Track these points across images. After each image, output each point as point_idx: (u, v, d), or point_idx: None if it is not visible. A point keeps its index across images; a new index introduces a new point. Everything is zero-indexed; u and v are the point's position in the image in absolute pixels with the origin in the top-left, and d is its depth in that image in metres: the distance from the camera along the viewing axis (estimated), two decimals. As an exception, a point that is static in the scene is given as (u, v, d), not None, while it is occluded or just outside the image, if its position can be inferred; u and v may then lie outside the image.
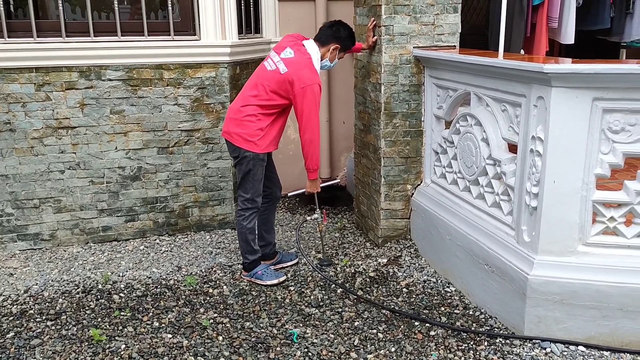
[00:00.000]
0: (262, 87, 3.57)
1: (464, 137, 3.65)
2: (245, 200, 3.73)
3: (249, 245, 3.82)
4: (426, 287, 3.75)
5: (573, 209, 2.92)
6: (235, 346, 3.12)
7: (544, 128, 2.88)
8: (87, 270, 4.06)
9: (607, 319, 2.92)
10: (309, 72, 3.53)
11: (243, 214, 3.75)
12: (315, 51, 3.65)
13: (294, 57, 3.56)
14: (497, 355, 2.97)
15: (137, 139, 4.45)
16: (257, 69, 3.72)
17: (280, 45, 3.71)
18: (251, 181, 3.68)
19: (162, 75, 4.38)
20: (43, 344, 3.16)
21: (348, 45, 3.84)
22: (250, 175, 3.66)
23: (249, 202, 3.73)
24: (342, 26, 3.79)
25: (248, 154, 3.60)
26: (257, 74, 3.67)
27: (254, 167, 3.63)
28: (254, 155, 3.61)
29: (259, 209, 3.79)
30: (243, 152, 3.61)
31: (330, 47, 3.72)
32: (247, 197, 3.72)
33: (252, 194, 3.71)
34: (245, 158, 3.61)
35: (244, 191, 3.72)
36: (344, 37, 3.77)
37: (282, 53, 3.60)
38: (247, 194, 3.71)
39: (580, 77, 2.73)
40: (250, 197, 3.71)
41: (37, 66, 4.14)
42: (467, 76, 3.55)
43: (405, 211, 4.30)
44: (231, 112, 3.68)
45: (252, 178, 3.67)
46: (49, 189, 4.36)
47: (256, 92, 3.59)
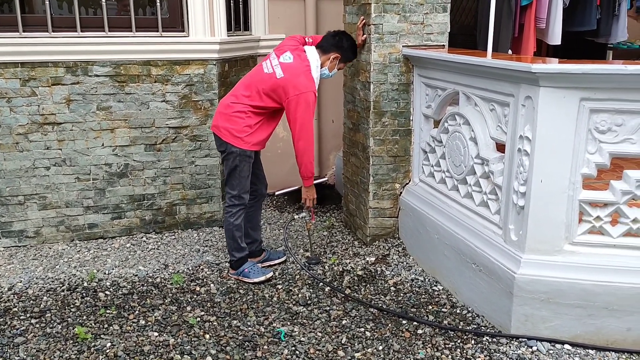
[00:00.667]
0: (256, 89, 3.55)
1: (452, 136, 3.66)
2: (232, 197, 3.71)
3: (236, 243, 3.80)
4: (414, 285, 3.76)
5: (560, 208, 2.93)
6: (222, 344, 3.10)
7: (531, 127, 2.89)
8: (73, 268, 4.02)
9: (593, 317, 2.94)
10: (304, 79, 3.51)
11: (230, 210, 3.74)
12: (315, 59, 3.63)
13: (292, 62, 3.54)
14: (484, 354, 2.98)
15: (124, 135, 4.41)
16: (254, 68, 3.71)
17: (281, 47, 3.70)
18: (237, 177, 3.66)
19: (149, 71, 4.35)
20: (27, 342, 3.12)
21: (349, 57, 3.83)
22: (237, 171, 3.64)
23: (235, 199, 3.71)
24: (345, 37, 3.79)
25: (235, 150, 3.59)
26: (253, 73, 3.66)
27: (240, 163, 3.62)
28: (241, 151, 3.60)
29: (246, 205, 3.78)
30: (230, 147, 3.59)
31: (330, 56, 3.71)
32: (234, 193, 3.70)
33: (239, 191, 3.69)
34: (232, 154, 3.60)
35: (231, 188, 3.70)
36: (346, 48, 3.76)
37: (281, 57, 3.58)
38: (234, 191, 3.70)
39: (568, 77, 2.75)
40: (237, 194, 3.70)
41: (23, 61, 4.09)
42: (455, 75, 3.56)
43: (393, 210, 4.31)
44: (221, 107, 3.67)
45: (238, 174, 3.65)
46: (34, 185, 4.30)
47: (249, 92, 3.57)
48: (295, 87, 3.47)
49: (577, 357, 2.91)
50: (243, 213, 3.79)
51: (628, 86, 2.71)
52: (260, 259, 4.05)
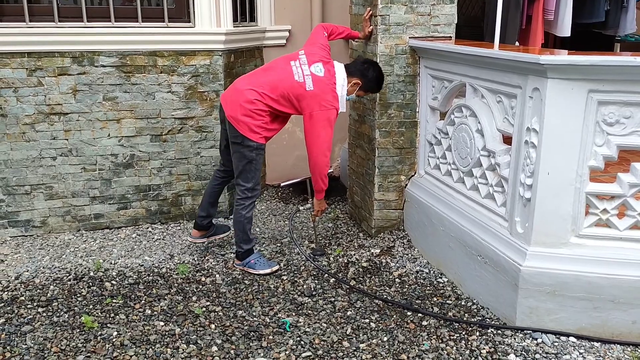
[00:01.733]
0: (283, 93, 3.51)
1: (458, 129, 3.65)
2: (246, 189, 3.70)
3: (245, 235, 3.81)
4: (419, 277, 3.76)
5: (566, 200, 2.93)
6: (227, 334, 3.11)
7: (539, 119, 2.88)
8: (79, 258, 4.04)
9: (598, 310, 2.94)
10: (331, 97, 3.55)
11: (243, 203, 3.74)
12: (342, 77, 3.61)
13: (323, 76, 3.55)
14: (489, 346, 2.98)
15: (130, 126, 4.42)
16: (281, 67, 3.61)
17: (312, 52, 3.66)
18: (253, 170, 3.66)
19: (155, 62, 4.35)
20: (34, 331, 3.14)
21: (371, 87, 3.80)
22: (253, 164, 3.64)
23: (249, 192, 3.71)
24: (374, 68, 3.77)
25: (252, 144, 3.57)
26: (282, 75, 3.55)
27: (257, 156, 3.62)
28: (258, 145, 3.59)
29: (258, 197, 3.80)
30: (247, 141, 3.56)
31: (352, 81, 3.68)
32: (248, 186, 3.69)
33: (254, 183, 3.70)
34: (249, 147, 3.57)
35: (245, 180, 3.69)
36: (370, 78, 3.73)
37: (312, 66, 3.57)
38: (248, 183, 3.69)
39: (576, 69, 2.73)
40: (252, 187, 3.70)
41: (29, 51, 4.09)
42: (462, 67, 3.54)
43: (398, 202, 4.30)
44: (241, 98, 3.52)
45: (254, 167, 3.65)
46: (41, 175, 4.32)
47: (276, 95, 3.52)
48: (321, 103, 3.50)
49: (582, 350, 2.91)
50: (254, 205, 3.81)
51: (637, 78, 2.69)
52: (207, 233, 4.07)
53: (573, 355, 2.87)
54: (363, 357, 2.91)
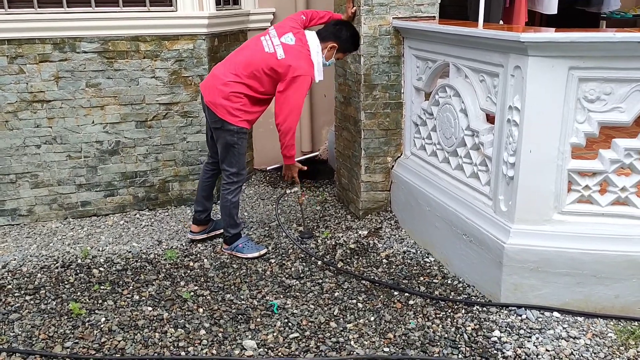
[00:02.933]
0: (257, 68, 3.48)
1: (443, 109, 3.65)
2: (230, 174, 3.70)
3: (232, 219, 3.81)
4: (406, 257, 3.79)
5: (549, 178, 2.95)
6: (215, 318, 3.13)
7: (520, 98, 2.89)
8: (66, 245, 4.03)
9: (582, 285, 2.98)
10: (305, 63, 3.51)
11: (228, 187, 3.73)
12: (315, 44, 3.59)
13: (294, 45, 3.52)
14: (474, 323, 3.02)
15: (114, 112, 4.39)
16: (253, 44, 3.59)
17: (282, 25, 3.65)
18: (236, 155, 3.65)
19: (138, 47, 4.31)
20: (22, 318, 3.14)
21: (348, 48, 3.76)
22: (235, 148, 3.63)
23: (234, 176, 3.71)
24: (346, 27, 3.74)
25: (232, 127, 3.56)
26: (254, 50, 3.55)
27: (238, 140, 3.61)
28: (238, 128, 3.58)
29: (243, 182, 3.79)
30: (227, 125, 3.55)
31: (328, 45, 3.65)
32: (232, 171, 3.69)
33: (238, 168, 3.69)
34: (229, 131, 3.56)
35: (229, 165, 3.68)
36: (344, 38, 3.69)
37: (283, 37, 3.54)
38: (232, 168, 3.68)
39: (557, 46, 2.74)
40: (236, 171, 3.69)
41: (9, 38, 4.04)
42: (446, 47, 3.53)
43: (385, 183, 4.32)
44: (218, 82, 3.54)
45: (237, 152, 3.64)
46: (26, 163, 4.29)
47: (249, 72, 3.49)
48: (295, 69, 3.45)
49: (566, 324, 2.95)
50: (240, 190, 3.80)
51: (617, 54, 2.70)
52: (207, 228, 4.07)
53: (557, 330, 2.91)
54: (350, 337, 2.94)
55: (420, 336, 2.93)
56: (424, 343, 2.88)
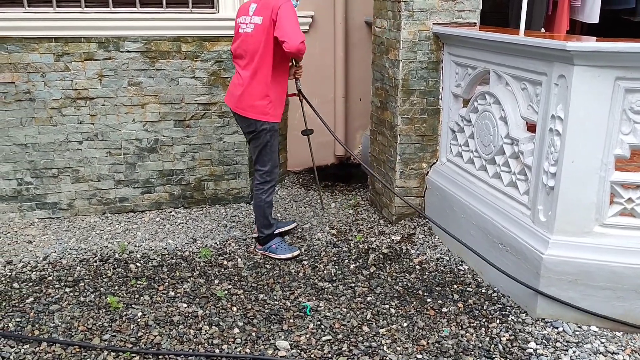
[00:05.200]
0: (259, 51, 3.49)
1: (481, 116, 3.63)
2: (264, 173, 3.75)
3: (266, 219, 3.86)
4: (439, 264, 3.77)
5: (591, 189, 2.90)
6: (249, 317, 3.16)
7: (564, 107, 2.85)
8: (105, 240, 4.12)
9: (621, 300, 2.92)
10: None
11: (262, 187, 3.78)
12: None
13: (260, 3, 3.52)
14: (509, 333, 2.98)
15: (154, 111, 4.47)
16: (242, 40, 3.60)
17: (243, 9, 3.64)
18: (269, 153, 3.70)
19: (180, 47, 4.38)
20: (62, 310, 3.23)
21: None
22: (268, 147, 3.68)
23: (267, 175, 3.76)
24: None
25: (265, 126, 3.62)
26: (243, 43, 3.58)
27: (271, 138, 3.66)
28: (271, 126, 3.63)
29: (276, 181, 3.84)
30: (260, 125, 3.61)
31: None
32: (265, 169, 3.74)
33: (271, 166, 3.74)
34: (263, 131, 3.62)
35: (262, 164, 3.74)
36: None
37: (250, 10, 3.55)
38: (265, 167, 3.74)
39: (603, 56, 2.69)
40: (269, 170, 3.74)
41: (57, 36, 4.16)
42: (487, 54, 3.51)
43: (420, 189, 4.30)
44: (239, 88, 3.62)
45: (269, 150, 3.69)
46: (68, 159, 4.40)
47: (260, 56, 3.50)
48: (272, 8, 3.40)
49: (604, 339, 2.90)
50: (274, 190, 3.84)
51: (666, 66, 2.65)
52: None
53: (594, 344, 2.86)
54: (383, 342, 2.94)
55: (454, 344, 2.91)
56: (457, 351, 2.86)
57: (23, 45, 4.11)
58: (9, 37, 4.07)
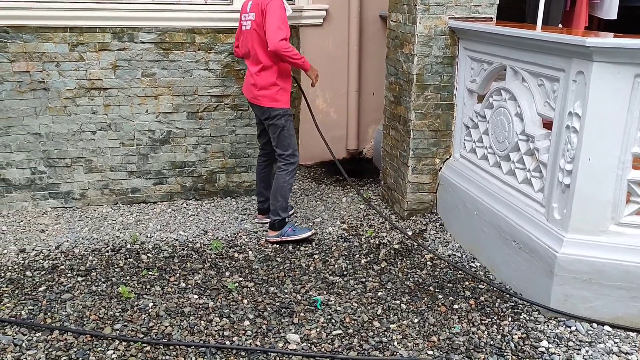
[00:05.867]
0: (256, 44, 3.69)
1: (496, 112, 3.59)
2: (286, 156, 3.89)
3: (286, 202, 3.97)
4: (451, 261, 3.74)
5: (607, 187, 2.86)
6: (259, 310, 3.16)
7: (582, 104, 2.81)
8: (116, 230, 4.14)
9: (636, 299, 2.88)
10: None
11: (286, 168, 3.90)
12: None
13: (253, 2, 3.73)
14: (521, 332, 2.96)
15: (167, 102, 4.48)
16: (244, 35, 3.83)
17: (243, 7, 3.86)
18: (288, 137, 3.85)
19: (194, 39, 4.38)
20: (74, 299, 3.24)
21: None
22: (285, 131, 3.83)
23: (290, 157, 3.89)
24: None
25: (279, 111, 3.78)
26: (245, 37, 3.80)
27: (286, 122, 3.82)
28: (284, 111, 3.80)
29: (298, 163, 3.97)
30: (273, 112, 3.78)
31: None
32: (287, 153, 3.88)
33: (292, 149, 3.89)
34: (277, 116, 3.79)
35: (283, 149, 3.88)
36: None
37: (247, 7, 3.77)
38: (287, 151, 3.88)
39: (623, 52, 2.65)
40: (291, 153, 3.89)
41: (72, 26, 4.16)
42: (503, 49, 3.47)
43: (432, 185, 4.27)
44: (251, 78, 3.82)
45: (287, 134, 3.84)
46: (81, 148, 4.42)
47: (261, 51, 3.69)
48: (261, 5, 3.59)
49: (617, 339, 2.87)
50: (296, 173, 3.99)
51: (687, 63, 2.60)
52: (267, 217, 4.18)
53: (608, 344, 2.83)
54: (393, 338, 2.93)
55: (465, 341, 2.89)
56: (468, 348, 2.84)
57: (38, 35, 4.13)
58: (24, 27, 4.09)
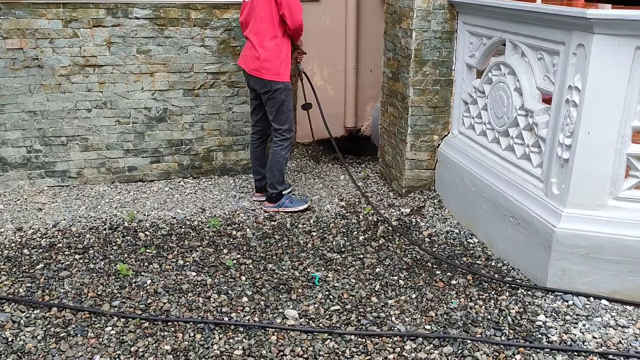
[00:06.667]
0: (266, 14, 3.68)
1: (495, 87, 3.56)
2: (283, 131, 3.91)
3: (282, 175, 4.02)
4: (449, 237, 3.74)
5: (606, 162, 2.85)
6: (257, 286, 3.16)
7: (582, 77, 2.78)
8: (114, 209, 4.12)
9: (633, 274, 2.89)
10: None
11: (282, 144, 3.93)
12: None
13: None
14: (518, 306, 2.97)
15: (163, 79, 4.43)
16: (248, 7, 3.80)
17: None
18: (286, 111, 3.87)
19: (189, 15, 4.32)
20: (72, 276, 3.24)
21: None
22: (285, 105, 3.85)
23: (287, 132, 3.92)
24: None
25: (280, 85, 3.78)
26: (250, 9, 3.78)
27: (286, 97, 3.83)
28: (285, 85, 3.79)
29: (293, 138, 4.03)
30: (274, 85, 3.77)
31: None
32: (284, 128, 3.91)
33: (289, 124, 3.92)
34: (278, 90, 3.79)
35: (280, 123, 3.90)
36: None
37: None
38: (284, 125, 3.90)
39: (625, 24, 2.62)
40: (288, 127, 3.92)
41: (65, 1, 4.10)
42: (503, 23, 3.42)
43: (430, 162, 4.25)
44: (253, 51, 3.78)
45: (286, 108, 3.86)
46: (76, 127, 4.38)
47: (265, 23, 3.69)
48: None
49: (614, 312, 2.88)
50: (291, 147, 4.03)
51: (689, 35, 2.57)
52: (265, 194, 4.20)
53: (605, 317, 2.84)
54: (391, 313, 2.93)
55: (463, 316, 2.90)
56: (466, 323, 2.85)
57: (31, 11, 4.06)
58: (16, 2, 4.02)
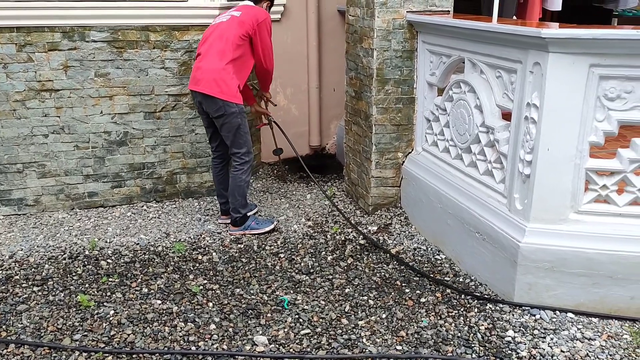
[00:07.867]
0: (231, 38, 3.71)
1: (457, 105, 3.61)
2: (242, 155, 3.88)
3: (244, 199, 3.98)
4: (416, 254, 3.76)
5: (566, 176, 2.91)
6: (225, 312, 3.10)
7: (539, 95, 2.84)
8: (74, 236, 4.00)
9: (597, 286, 2.94)
10: (259, 10, 3.86)
11: (241, 168, 3.90)
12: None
13: (241, 5, 3.89)
14: (487, 322, 2.99)
15: (123, 103, 4.34)
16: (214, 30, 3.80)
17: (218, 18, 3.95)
18: (243, 134, 3.85)
19: (148, 37, 4.26)
20: (30, 310, 3.11)
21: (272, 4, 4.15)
22: (241, 129, 3.82)
23: (245, 156, 3.89)
24: None
25: (235, 109, 3.75)
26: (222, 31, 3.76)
27: (242, 120, 3.82)
28: (239, 108, 3.77)
29: (252, 161, 4.00)
30: (229, 108, 3.72)
31: (262, 5, 4.00)
32: (242, 151, 3.88)
33: (247, 147, 3.90)
34: (233, 114, 3.75)
35: (238, 147, 3.86)
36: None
37: (230, 11, 3.88)
38: (242, 149, 3.87)
39: (578, 43, 2.69)
40: (246, 151, 3.89)
41: (18, 25, 3.99)
42: (461, 42, 3.48)
43: (396, 179, 4.28)
44: (211, 73, 3.70)
45: (243, 131, 3.84)
46: (33, 153, 4.25)
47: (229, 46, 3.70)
48: (255, 17, 3.76)
49: (580, 325, 2.92)
50: (251, 170, 3.99)
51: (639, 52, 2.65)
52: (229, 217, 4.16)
53: (571, 330, 2.88)
54: (362, 334, 2.91)
55: (433, 334, 2.90)
56: (437, 342, 2.85)
57: (-18, 36, 3.94)
58: (-33, 27, 3.90)
